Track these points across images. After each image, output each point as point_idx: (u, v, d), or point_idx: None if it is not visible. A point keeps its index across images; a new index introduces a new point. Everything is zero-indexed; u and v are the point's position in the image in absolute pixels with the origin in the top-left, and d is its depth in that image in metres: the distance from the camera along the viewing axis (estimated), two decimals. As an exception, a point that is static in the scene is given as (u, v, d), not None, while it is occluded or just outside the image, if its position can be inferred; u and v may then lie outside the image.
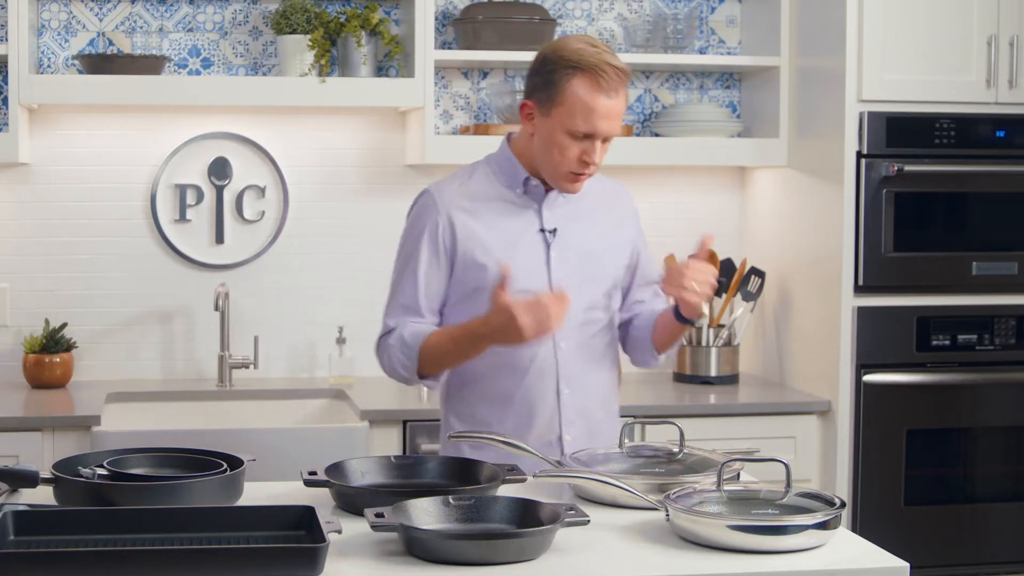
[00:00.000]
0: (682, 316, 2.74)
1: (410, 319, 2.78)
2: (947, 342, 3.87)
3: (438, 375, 2.79)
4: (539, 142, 2.72)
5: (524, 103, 2.74)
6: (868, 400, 3.82)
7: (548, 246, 2.78)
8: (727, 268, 4.20)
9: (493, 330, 2.60)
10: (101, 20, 4.08)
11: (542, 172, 2.76)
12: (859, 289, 3.83)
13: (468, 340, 2.68)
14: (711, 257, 2.75)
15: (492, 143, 3.93)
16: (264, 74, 4.15)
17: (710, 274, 2.66)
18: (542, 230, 2.79)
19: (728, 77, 4.40)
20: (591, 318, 2.82)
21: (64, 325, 4.01)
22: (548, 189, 2.80)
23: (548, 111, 2.68)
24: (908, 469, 3.85)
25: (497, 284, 2.58)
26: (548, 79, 2.68)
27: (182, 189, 4.13)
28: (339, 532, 2.03)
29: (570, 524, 2.10)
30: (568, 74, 2.64)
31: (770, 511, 2.21)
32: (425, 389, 4.04)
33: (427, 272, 2.77)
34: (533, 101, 2.72)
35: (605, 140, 2.69)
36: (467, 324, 2.70)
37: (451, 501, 2.18)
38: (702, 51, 4.35)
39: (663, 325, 2.83)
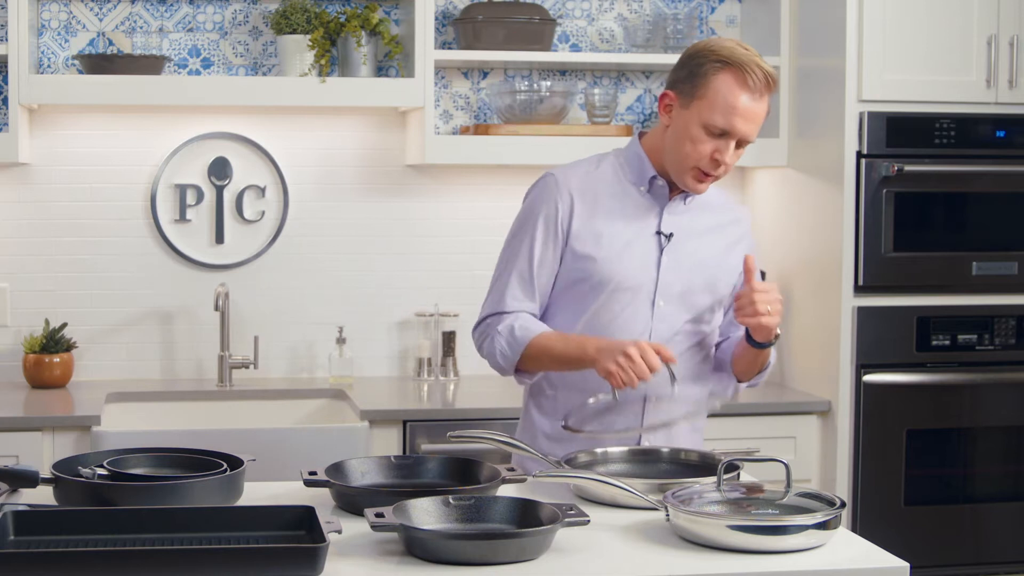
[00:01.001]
0: (754, 340, 2.69)
1: (522, 304, 2.73)
2: (947, 342, 3.87)
3: (534, 374, 2.75)
4: (672, 135, 2.67)
5: (665, 93, 2.69)
6: (868, 400, 3.82)
7: (662, 250, 2.73)
8: (727, 268, 4.20)
9: (600, 351, 2.57)
10: (101, 20, 4.08)
11: (669, 167, 2.70)
12: (859, 289, 3.83)
13: (576, 349, 2.62)
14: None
15: (492, 143, 3.97)
16: (264, 74, 4.15)
17: (775, 292, 2.62)
18: (659, 232, 2.73)
19: (728, 77, 4.39)
20: (692, 330, 2.76)
21: (64, 325, 4.01)
22: (673, 194, 2.75)
23: (688, 103, 2.64)
24: (908, 469, 3.85)
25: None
26: (694, 71, 2.63)
27: (182, 189, 4.13)
28: (339, 532, 2.03)
29: (570, 524, 2.10)
30: (716, 67, 2.60)
31: (770, 511, 2.21)
32: (426, 388, 4.04)
33: (541, 254, 2.72)
34: (675, 92, 2.67)
35: (740, 144, 2.63)
36: (580, 337, 2.65)
37: (451, 501, 2.18)
38: (702, 51, 4.35)
39: (740, 353, 2.78)
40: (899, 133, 3.81)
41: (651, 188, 2.74)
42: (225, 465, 2.39)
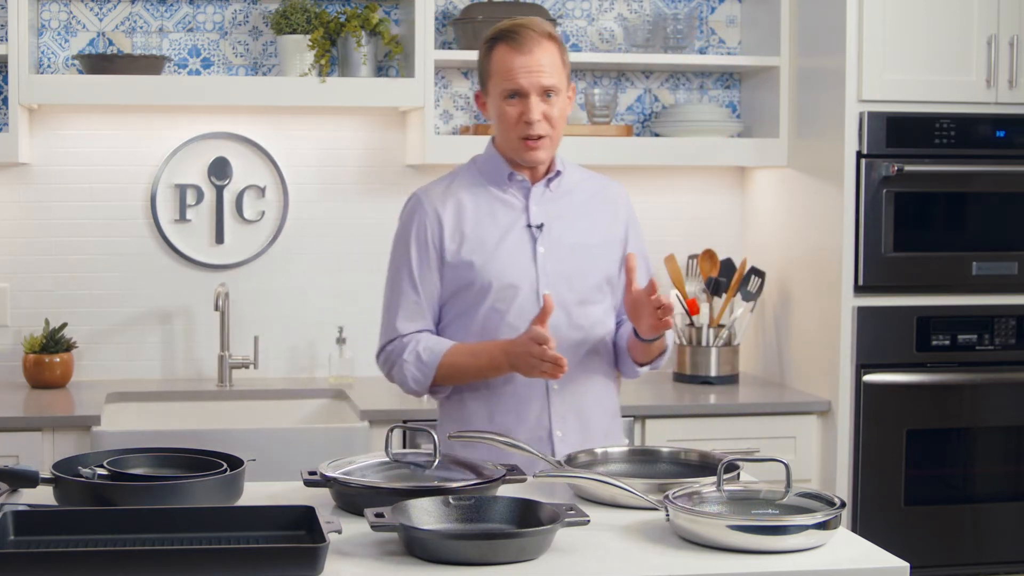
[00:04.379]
0: (639, 335, 2.75)
1: (419, 327, 2.81)
2: (947, 342, 3.87)
3: (448, 388, 2.83)
4: (493, 123, 2.82)
5: (476, 94, 2.87)
6: (868, 400, 3.82)
7: (535, 241, 2.80)
8: (727, 268, 4.20)
9: (514, 356, 2.65)
10: (101, 20, 4.08)
11: (507, 153, 2.82)
12: (859, 289, 3.83)
13: (488, 363, 2.72)
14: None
15: (492, 143, 3.97)
16: (264, 74, 4.15)
17: (669, 303, 2.65)
18: (529, 226, 2.81)
19: (728, 77, 4.40)
20: (583, 313, 2.81)
21: (64, 325, 4.01)
22: (535, 181, 2.83)
23: (487, 90, 2.81)
24: (908, 469, 3.85)
25: (538, 316, 2.62)
26: (480, 62, 2.82)
27: (182, 189, 4.13)
28: (339, 532, 2.03)
29: (570, 524, 2.10)
30: (488, 47, 2.79)
31: (770, 511, 2.21)
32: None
33: (420, 273, 2.81)
34: (481, 88, 2.84)
35: (544, 97, 2.74)
36: (487, 346, 2.73)
37: (451, 501, 2.18)
38: (702, 51, 4.36)
39: (633, 344, 2.82)
40: (899, 133, 3.81)
41: (511, 184, 2.83)
42: (225, 465, 2.39)
